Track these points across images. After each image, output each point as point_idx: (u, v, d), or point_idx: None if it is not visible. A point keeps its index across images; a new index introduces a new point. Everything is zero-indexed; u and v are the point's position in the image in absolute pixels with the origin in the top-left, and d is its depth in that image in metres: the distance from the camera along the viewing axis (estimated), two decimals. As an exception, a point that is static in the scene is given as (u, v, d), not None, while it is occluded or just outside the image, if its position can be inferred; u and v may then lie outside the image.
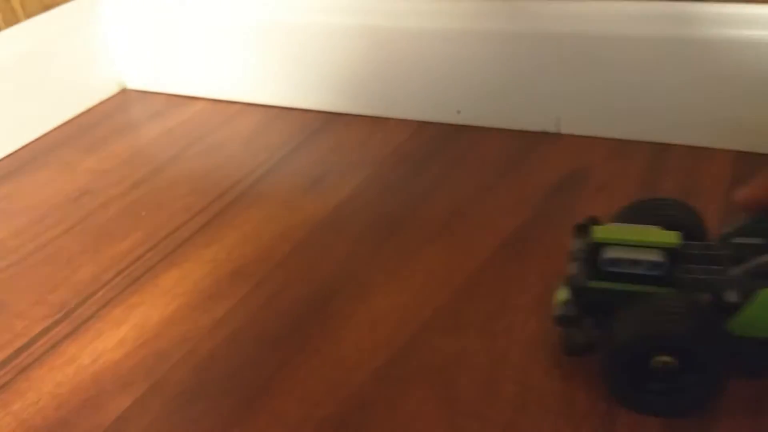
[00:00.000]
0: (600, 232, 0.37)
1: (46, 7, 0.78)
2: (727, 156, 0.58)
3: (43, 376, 0.45)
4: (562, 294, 0.39)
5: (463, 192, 0.58)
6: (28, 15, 0.76)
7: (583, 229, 0.39)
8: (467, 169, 0.62)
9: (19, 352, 0.47)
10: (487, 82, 0.66)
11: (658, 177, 0.57)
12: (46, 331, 0.49)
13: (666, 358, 0.35)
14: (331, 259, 0.52)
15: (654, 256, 0.36)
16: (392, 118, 0.71)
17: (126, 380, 0.44)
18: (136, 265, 0.54)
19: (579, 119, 0.63)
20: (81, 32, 0.81)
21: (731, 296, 0.35)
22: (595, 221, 0.39)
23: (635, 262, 0.36)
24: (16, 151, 0.73)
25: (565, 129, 0.64)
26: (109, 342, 0.47)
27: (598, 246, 0.37)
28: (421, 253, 0.52)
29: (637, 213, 0.41)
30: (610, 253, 0.36)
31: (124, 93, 0.84)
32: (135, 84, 0.85)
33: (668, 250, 0.36)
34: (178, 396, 0.42)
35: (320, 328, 0.46)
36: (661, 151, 0.60)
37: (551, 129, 0.65)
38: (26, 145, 0.75)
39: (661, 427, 0.37)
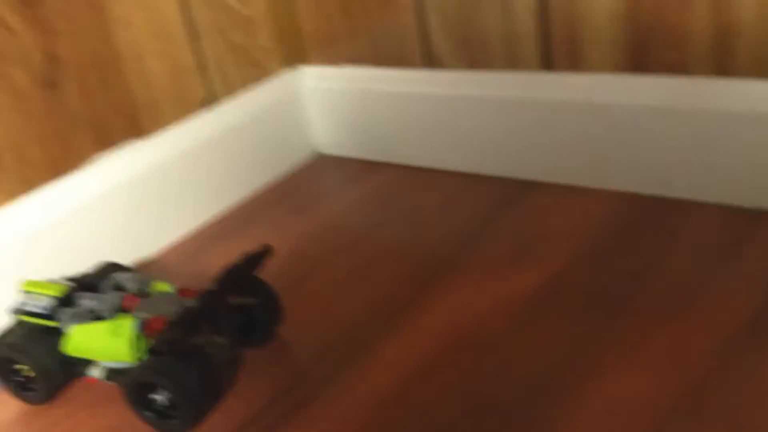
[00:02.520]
0: (24, 284, 0.54)
1: (249, 81, 0.84)
2: None
3: None
4: None
5: (684, 270, 0.56)
6: (232, 91, 0.82)
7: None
8: (683, 246, 0.59)
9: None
10: (693, 157, 0.63)
11: None
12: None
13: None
14: (556, 334, 0.51)
15: (41, 301, 0.53)
16: (589, 188, 0.70)
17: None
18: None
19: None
20: (281, 104, 0.86)
21: (65, 327, 0.52)
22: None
23: (33, 305, 0.53)
24: (224, 215, 0.79)
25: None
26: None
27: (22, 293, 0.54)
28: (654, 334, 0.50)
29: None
30: (20, 297, 0.54)
31: (319, 158, 0.89)
32: (328, 149, 0.89)
33: (55, 297, 0.53)
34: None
35: (551, 408, 0.45)
36: None
37: (771, 206, 0.61)
38: (235, 209, 0.80)
39: None
